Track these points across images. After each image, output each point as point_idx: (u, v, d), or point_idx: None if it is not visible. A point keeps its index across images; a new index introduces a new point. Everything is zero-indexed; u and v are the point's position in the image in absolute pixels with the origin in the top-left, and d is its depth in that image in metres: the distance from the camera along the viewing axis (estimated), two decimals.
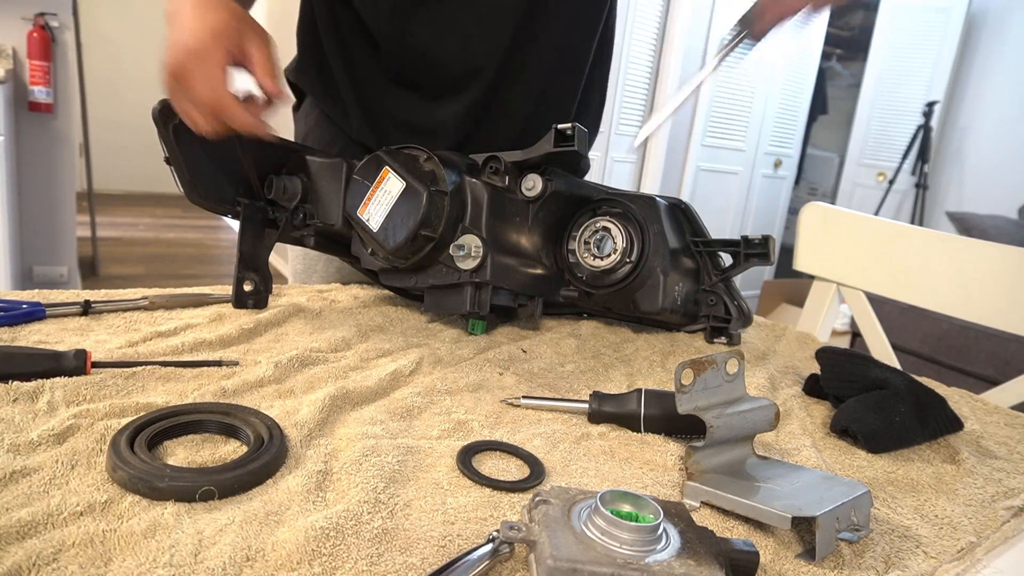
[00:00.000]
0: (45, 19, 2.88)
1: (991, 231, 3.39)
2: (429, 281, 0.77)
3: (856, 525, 0.46)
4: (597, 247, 0.80)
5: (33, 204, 3.04)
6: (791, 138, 4.43)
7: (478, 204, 0.75)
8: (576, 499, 0.41)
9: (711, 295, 0.84)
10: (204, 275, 4.16)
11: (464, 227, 0.75)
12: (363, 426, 0.53)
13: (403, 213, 0.73)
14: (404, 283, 0.79)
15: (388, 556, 0.39)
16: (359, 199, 0.75)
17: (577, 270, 0.81)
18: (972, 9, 4.30)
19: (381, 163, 0.75)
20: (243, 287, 0.75)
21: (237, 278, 0.75)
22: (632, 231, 0.79)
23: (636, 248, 0.79)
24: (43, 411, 0.49)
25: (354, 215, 0.76)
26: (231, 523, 0.39)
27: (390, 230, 0.74)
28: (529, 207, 0.78)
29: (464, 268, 0.74)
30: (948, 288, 1.00)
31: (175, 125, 0.69)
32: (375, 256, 0.77)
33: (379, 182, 0.74)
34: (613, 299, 0.81)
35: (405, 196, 0.73)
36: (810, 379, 0.74)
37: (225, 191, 0.76)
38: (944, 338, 2.75)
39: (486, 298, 0.75)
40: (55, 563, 0.35)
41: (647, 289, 0.80)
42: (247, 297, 0.75)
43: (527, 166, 0.78)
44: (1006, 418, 0.74)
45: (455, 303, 0.76)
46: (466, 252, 0.73)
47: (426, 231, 0.73)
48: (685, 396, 0.51)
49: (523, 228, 0.78)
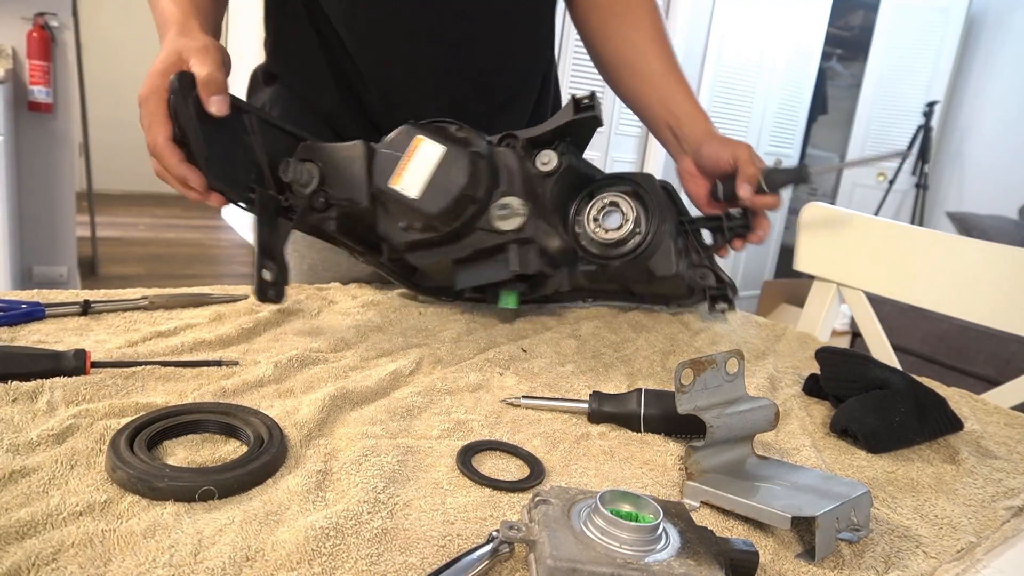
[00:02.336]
0: (45, 19, 2.88)
1: (991, 231, 3.39)
2: (467, 250, 0.76)
3: (856, 525, 0.46)
4: (607, 220, 0.81)
5: (33, 204, 3.04)
6: (791, 138, 4.43)
7: (510, 170, 0.76)
8: (576, 499, 0.41)
9: (701, 269, 0.90)
10: (204, 275, 4.16)
11: (501, 192, 0.75)
12: (363, 426, 0.53)
13: (446, 176, 0.72)
14: (437, 256, 0.77)
15: (388, 556, 0.39)
16: (389, 171, 0.74)
17: (589, 244, 0.82)
18: (972, 9, 4.30)
19: (412, 132, 0.74)
20: (264, 277, 0.71)
21: (258, 268, 0.71)
22: (638, 203, 0.81)
23: (644, 218, 0.81)
24: (42, 411, 0.49)
25: (386, 187, 0.74)
26: (231, 523, 0.39)
27: (432, 195, 0.72)
28: (545, 182, 0.79)
29: (507, 228, 0.74)
30: (948, 288, 1.00)
31: (195, 97, 0.66)
32: (409, 230, 0.75)
33: (412, 151, 0.73)
34: (628, 269, 0.83)
35: (447, 160, 0.72)
36: (810, 379, 0.74)
37: (238, 175, 0.73)
38: (944, 338, 2.75)
39: (532, 255, 0.75)
40: (54, 563, 0.35)
41: (660, 254, 0.82)
42: (268, 288, 0.72)
43: (540, 142, 0.78)
44: (1006, 418, 0.74)
45: (496, 269, 0.76)
46: (511, 210, 0.74)
47: (470, 191, 0.72)
48: (685, 396, 0.51)
49: (542, 202, 0.79)
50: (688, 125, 0.94)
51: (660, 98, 0.96)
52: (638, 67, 0.99)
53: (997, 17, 4.29)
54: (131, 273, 3.98)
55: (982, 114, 4.38)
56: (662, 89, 0.97)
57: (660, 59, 0.98)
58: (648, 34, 0.99)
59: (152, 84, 0.66)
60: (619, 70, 1.01)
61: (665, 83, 0.97)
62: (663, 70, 0.98)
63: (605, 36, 1.02)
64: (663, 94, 0.96)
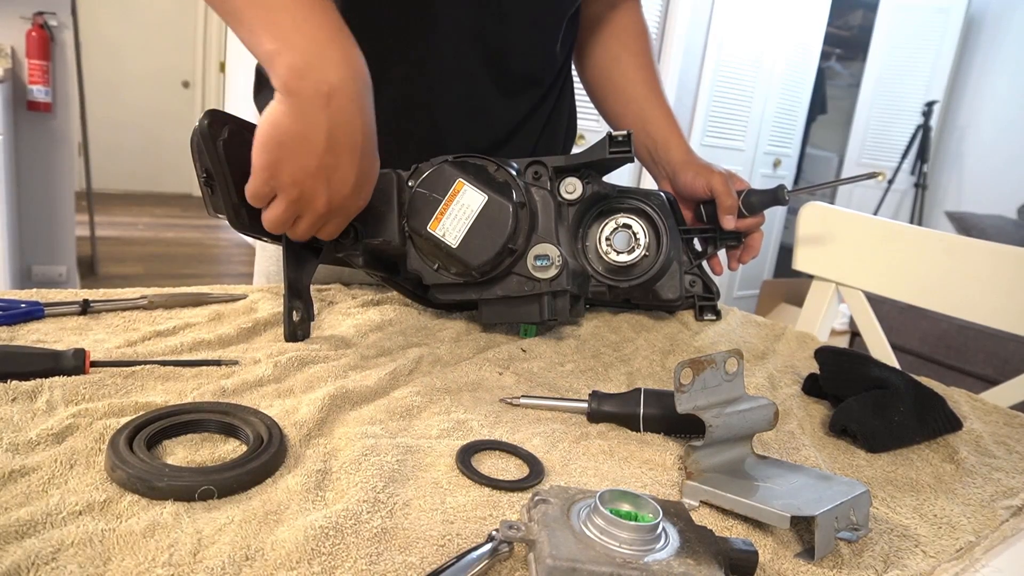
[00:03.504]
0: (44, 18, 2.88)
1: (990, 231, 3.39)
2: (498, 293, 0.75)
3: (855, 524, 0.46)
4: (620, 243, 0.82)
5: (32, 203, 3.04)
6: (790, 138, 4.43)
7: (544, 212, 0.76)
8: (575, 498, 0.41)
9: (691, 277, 0.91)
10: (203, 274, 4.17)
11: (537, 236, 0.75)
12: (362, 425, 0.53)
13: (488, 228, 0.70)
14: (467, 296, 0.75)
15: (387, 555, 0.39)
16: (429, 214, 0.71)
17: (598, 265, 0.83)
18: (971, 9, 4.31)
19: (453, 175, 0.71)
20: (293, 318, 0.68)
21: (288, 309, 0.68)
22: (650, 226, 0.82)
23: (656, 242, 0.82)
24: (42, 410, 0.49)
25: (424, 231, 0.71)
26: (230, 522, 0.39)
27: (473, 246, 0.71)
28: (569, 210, 0.80)
29: (544, 278, 0.74)
30: (947, 288, 1.01)
31: (224, 140, 0.62)
32: (443, 272, 0.74)
33: (453, 196, 0.71)
34: (634, 291, 0.84)
35: (488, 210, 0.71)
36: (809, 379, 0.74)
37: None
38: (943, 338, 2.75)
39: (564, 305, 0.75)
40: (54, 562, 0.35)
41: (667, 279, 0.84)
42: (297, 328, 0.68)
43: (566, 170, 0.79)
44: (1005, 418, 0.74)
45: (526, 312, 0.75)
46: (549, 262, 0.73)
47: (512, 244, 0.72)
48: (684, 395, 0.51)
49: (566, 231, 0.80)
50: (664, 151, 0.95)
51: (641, 121, 0.97)
52: (622, 88, 1.00)
53: (996, 17, 4.30)
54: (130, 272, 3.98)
55: (981, 114, 4.39)
56: (643, 112, 0.97)
57: (645, 83, 0.99)
58: (636, 58, 1.00)
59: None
60: (603, 89, 1.02)
61: (647, 107, 0.98)
62: (646, 93, 0.99)
63: (593, 54, 1.03)
64: (644, 117, 0.97)
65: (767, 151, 4.28)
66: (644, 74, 1.00)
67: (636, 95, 0.99)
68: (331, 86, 0.56)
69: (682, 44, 3.58)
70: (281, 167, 0.59)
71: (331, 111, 0.57)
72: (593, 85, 1.04)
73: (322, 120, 0.57)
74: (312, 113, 0.57)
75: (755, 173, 4.25)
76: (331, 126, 0.57)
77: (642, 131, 0.97)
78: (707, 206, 0.91)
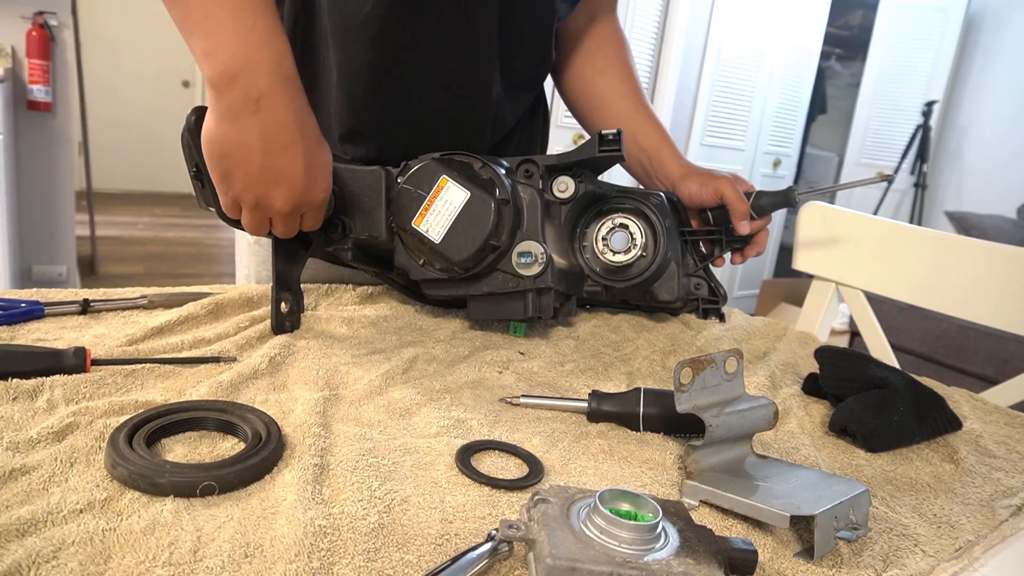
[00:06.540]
0: (44, 18, 2.88)
1: (990, 231, 3.39)
2: (484, 289, 0.75)
3: (854, 524, 0.46)
4: (616, 243, 0.81)
5: (32, 203, 3.04)
6: (790, 138, 4.43)
7: (531, 210, 0.76)
8: (575, 498, 0.41)
9: (696, 279, 0.91)
10: (203, 274, 4.17)
11: (523, 233, 0.75)
12: (360, 423, 0.53)
13: (469, 224, 0.71)
14: (453, 292, 0.76)
15: (385, 553, 0.39)
16: (413, 210, 0.72)
17: (595, 265, 0.83)
18: (971, 9, 4.30)
19: (437, 172, 0.72)
20: (281, 309, 0.70)
21: (275, 300, 0.70)
22: (648, 226, 0.82)
23: (653, 243, 0.82)
24: (42, 409, 0.49)
25: (409, 227, 0.72)
26: (229, 520, 0.39)
27: (455, 242, 0.71)
28: (561, 208, 0.79)
29: (528, 275, 0.74)
30: (947, 287, 1.01)
31: None
32: (428, 267, 0.75)
33: (437, 192, 0.72)
34: (631, 292, 0.84)
35: (470, 207, 0.71)
36: (809, 378, 0.74)
37: None
38: (943, 337, 2.75)
39: (548, 302, 0.75)
40: (55, 561, 0.35)
41: (664, 280, 0.84)
42: (285, 319, 0.70)
43: (558, 168, 0.79)
44: (1005, 417, 0.74)
45: (512, 309, 0.75)
46: (532, 259, 0.73)
47: (494, 241, 0.72)
48: (684, 395, 0.51)
49: (557, 229, 0.80)
50: (659, 165, 0.95)
51: (632, 135, 0.96)
52: (610, 102, 0.99)
53: (996, 17, 4.30)
54: (130, 272, 3.98)
55: (981, 114, 4.38)
56: (633, 126, 0.96)
57: (632, 96, 0.98)
58: (621, 72, 0.99)
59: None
60: (589, 103, 1.01)
61: (637, 119, 0.97)
62: (635, 106, 0.98)
63: (574, 66, 1.00)
64: (634, 131, 0.96)
65: (767, 151, 4.28)
66: (629, 86, 0.99)
67: (624, 108, 0.98)
68: (259, 91, 0.58)
69: (682, 44, 3.58)
70: (232, 177, 0.61)
71: (262, 116, 0.59)
72: (576, 98, 1.02)
73: (254, 125, 0.58)
74: (244, 119, 0.58)
75: (755, 173, 4.25)
76: (264, 130, 0.59)
77: (634, 145, 0.95)
78: (713, 210, 0.91)
